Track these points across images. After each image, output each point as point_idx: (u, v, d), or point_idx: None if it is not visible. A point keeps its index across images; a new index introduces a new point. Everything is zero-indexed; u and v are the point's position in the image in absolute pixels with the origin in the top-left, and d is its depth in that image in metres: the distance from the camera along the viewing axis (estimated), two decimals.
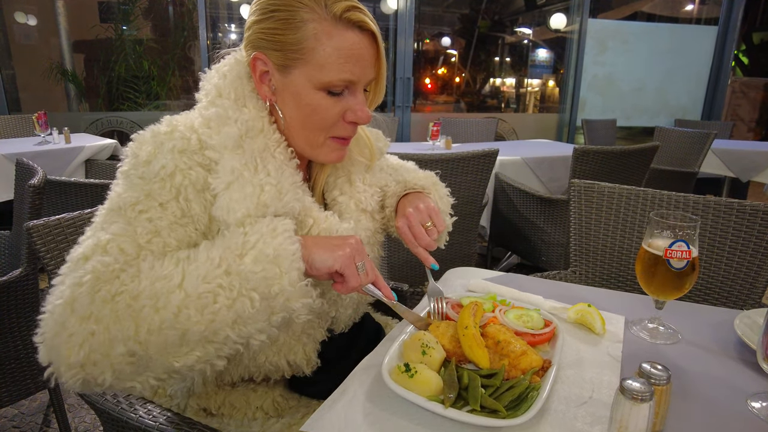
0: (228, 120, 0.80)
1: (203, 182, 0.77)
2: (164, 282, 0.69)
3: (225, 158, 0.77)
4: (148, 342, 0.66)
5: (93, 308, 0.66)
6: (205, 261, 0.71)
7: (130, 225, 0.74)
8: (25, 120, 4.16)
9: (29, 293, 1.57)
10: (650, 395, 0.61)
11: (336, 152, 0.90)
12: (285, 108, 0.85)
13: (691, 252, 0.90)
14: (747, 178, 4.23)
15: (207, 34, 4.88)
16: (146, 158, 0.76)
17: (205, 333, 0.68)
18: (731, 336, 0.96)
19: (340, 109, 0.84)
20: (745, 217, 1.33)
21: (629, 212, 1.51)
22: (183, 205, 0.76)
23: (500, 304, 0.97)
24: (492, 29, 7.66)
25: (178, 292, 0.68)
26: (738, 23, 5.75)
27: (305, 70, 0.81)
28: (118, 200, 0.76)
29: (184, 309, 0.67)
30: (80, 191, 2.34)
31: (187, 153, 0.77)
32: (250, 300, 0.69)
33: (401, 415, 0.72)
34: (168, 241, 0.75)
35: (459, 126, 4.69)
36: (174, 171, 0.76)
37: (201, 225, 0.79)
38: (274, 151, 0.83)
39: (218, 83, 0.85)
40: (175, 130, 0.78)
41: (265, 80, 0.85)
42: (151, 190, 0.75)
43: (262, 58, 0.83)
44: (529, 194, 2.90)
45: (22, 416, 2.03)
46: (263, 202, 0.78)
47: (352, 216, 0.96)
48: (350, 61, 0.80)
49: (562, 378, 0.80)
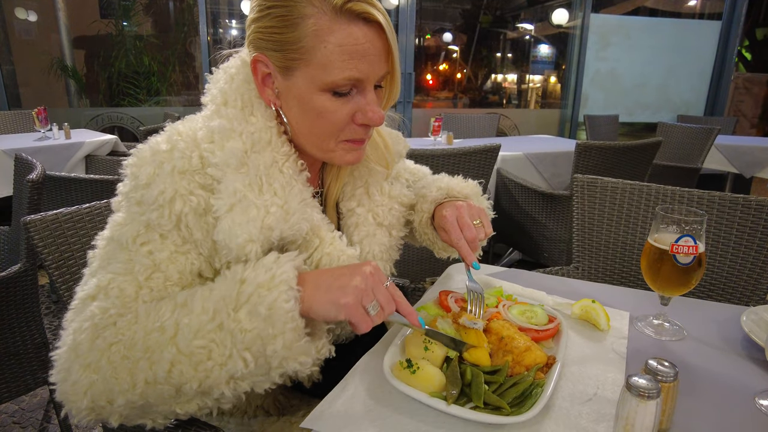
0: (233, 133, 0.75)
1: (205, 205, 0.74)
2: (158, 335, 0.67)
3: (228, 178, 0.73)
4: (146, 394, 0.67)
5: (92, 357, 0.68)
6: (200, 313, 0.67)
7: (130, 261, 0.73)
8: (25, 115, 4.15)
9: (28, 289, 1.56)
10: (657, 392, 0.59)
11: (351, 154, 0.83)
12: (290, 113, 0.80)
13: (698, 247, 0.88)
14: (750, 174, 4.21)
15: (207, 30, 4.87)
16: (146, 181, 0.73)
17: (200, 389, 0.67)
18: (738, 332, 0.94)
19: (348, 111, 0.78)
20: (751, 212, 1.31)
21: (632, 207, 1.49)
22: (184, 233, 0.74)
23: (505, 299, 0.96)
24: (494, 25, 7.63)
25: (170, 348, 0.66)
26: (742, 18, 5.72)
27: (307, 72, 0.74)
28: (119, 232, 0.75)
29: (178, 364, 0.66)
30: (80, 187, 2.33)
31: (187, 174, 0.73)
32: (243, 360, 0.66)
33: (403, 411, 0.70)
34: (169, 274, 0.74)
35: (460, 121, 4.67)
36: (174, 196, 0.72)
37: (204, 249, 0.76)
38: (283, 165, 0.78)
39: (224, 88, 0.80)
40: (175, 148, 0.74)
41: (267, 83, 0.79)
42: (150, 220, 0.73)
43: (263, 59, 0.77)
44: (530, 190, 2.89)
45: (23, 412, 2.03)
46: (268, 225, 0.73)
47: (368, 229, 0.92)
48: (355, 57, 0.73)
49: (566, 374, 0.79)
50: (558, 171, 3.42)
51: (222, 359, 0.66)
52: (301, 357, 0.68)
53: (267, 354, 0.66)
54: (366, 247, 0.92)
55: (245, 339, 0.65)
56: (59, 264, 1.04)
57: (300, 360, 0.68)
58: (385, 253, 0.95)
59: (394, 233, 0.98)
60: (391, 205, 0.96)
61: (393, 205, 0.97)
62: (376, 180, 0.96)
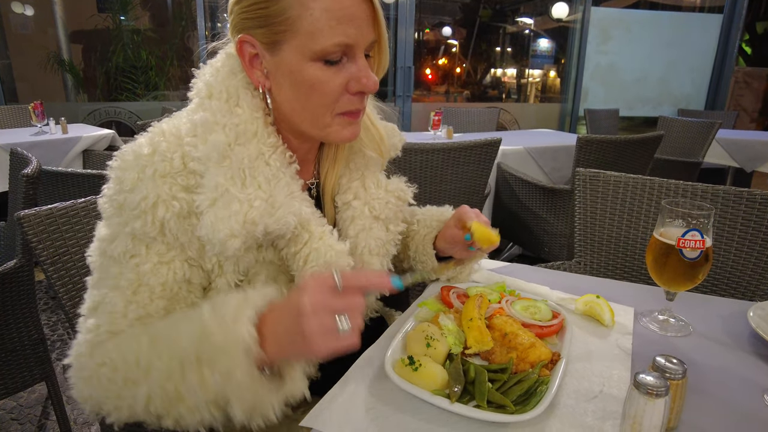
0: (216, 126, 0.74)
1: (188, 208, 0.73)
2: (135, 369, 0.68)
3: (210, 172, 0.72)
4: (133, 416, 0.70)
5: (87, 372, 0.73)
6: (169, 359, 0.66)
7: (120, 275, 0.75)
8: (21, 110, 4.12)
9: (24, 285, 1.55)
10: (666, 390, 0.58)
11: (348, 128, 0.81)
12: (281, 92, 0.78)
13: (705, 241, 0.87)
14: (751, 168, 4.20)
15: (205, 24, 4.83)
16: (130, 186, 0.73)
17: (177, 425, 0.68)
18: (744, 328, 0.93)
19: (341, 80, 0.75)
20: (756, 206, 1.30)
21: (635, 202, 1.48)
22: (169, 238, 0.74)
23: (508, 294, 0.94)
24: (493, 19, 7.60)
25: (144, 386, 0.67)
26: (743, 11, 5.68)
27: (295, 43, 0.72)
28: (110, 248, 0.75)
29: (152, 400, 0.67)
30: (77, 182, 2.30)
31: (169, 177, 0.72)
32: (210, 413, 0.65)
33: (405, 409, 0.69)
34: (153, 286, 0.74)
35: (460, 116, 4.65)
36: (156, 202, 0.72)
37: (193, 251, 0.76)
38: (269, 157, 0.77)
39: (209, 81, 0.78)
40: (156, 151, 0.73)
41: (255, 64, 0.77)
42: (134, 230, 0.73)
43: (248, 39, 0.75)
44: (531, 184, 2.87)
45: (21, 408, 2.02)
46: (251, 220, 0.72)
47: (364, 223, 0.90)
48: (343, 21, 0.71)
49: (570, 371, 0.78)
50: (558, 165, 3.41)
51: (193, 405, 0.66)
52: (269, 409, 0.66)
53: (230, 411, 0.65)
54: (361, 241, 0.90)
55: (208, 394, 0.64)
56: (54, 260, 1.02)
57: (268, 412, 0.66)
58: (382, 248, 0.93)
59: (392, 228, 0.95)
60: (388, 199, 0.94)
61: (390, 199, 0.94)
62: (372, 171, 0.94)
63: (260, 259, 0.81)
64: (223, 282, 0.79)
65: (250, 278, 0.81)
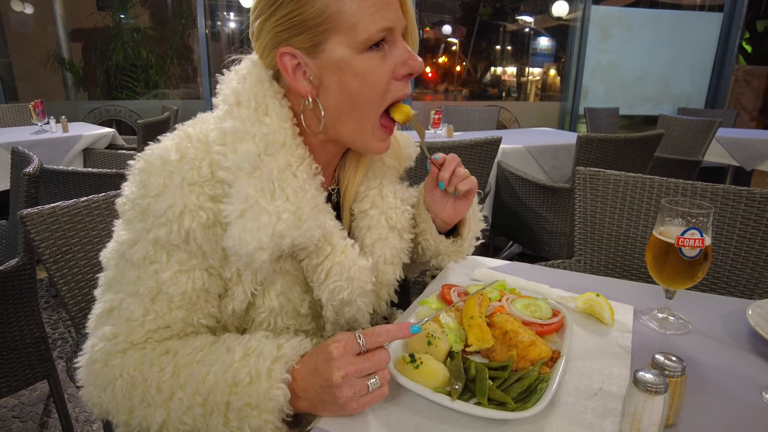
0: (246, 135, 0.73)
1: (214, 218, 0.73)
2: (154, 393, 0.70)
3: (240, 182, 0.71)
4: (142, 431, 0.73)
5: (101, 381, 0.74)
6: (193, 394, 0.68)
7: (138, 280, 0.75)
8: (22, 109, 4.13)
9: (26, 283, 1.55)
10: (665, 387, 0.58)
11: (383, 143, 0.84)
12: (329, 96, 0.77)
13: (704, 240, 0.87)
14: (751, 166, 4.20)
15: (205, 23, 4.83)
16: (156, 192, 0.72)
17: None
18: (743, 326, 0.93)
19: (388, 69, 0.76)
20: (755, 204, 1.30)
21: (635, 200, 1.48)
22: (192, 247, 0.74)
23: (508, 293, 0.95)
24: (493, 17, 7.59)
25: (161, 411, 0.69)
26: (744, 10, 5.68)
27: (338, 39, 0.73)
28: (129, 252, 0.75)
29: (166, 427, 0.70)
30: (78, 180, 2.31)
31: (197, 186, 0.72)
32: None
33: (406, 407, 0.70)
34: (172, 295, 0.75)
35: (460, 114, 4.65)
36: (183, 211, 0.71)
37: (215, 260, 0.76)
38: (297, 168, 0.76)
39: (237, 88, 0.77)
40: (185, 157, 0.73)
41: (299, 74, 0.76)
42: (158, 237, 0.73)
43: (288, 51, 0.75)
44: (531, 183, 2.87)
45: (23, 406, 2.03)
46: (279, 233, 0.72)
47: (381, 233, 0.91)
48: (380, 8, 0.73)
49: (570, 369, 0.78)
50: (558, 164, 3.41)
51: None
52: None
53: None
54: (378, 251, 0.90)
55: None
56: (57, 258, 1.02)
57: None
58: (396, 257, 0.93)
59: (406, 236, 0.96)
60: (404, 208, 0.95)
61: (405, 207, 0.96)
62: (390, 180, 0.95)
63: (278, 269, 0.81)
64: (240, 290, 0.79)
65: (266, 287, 0.81)
